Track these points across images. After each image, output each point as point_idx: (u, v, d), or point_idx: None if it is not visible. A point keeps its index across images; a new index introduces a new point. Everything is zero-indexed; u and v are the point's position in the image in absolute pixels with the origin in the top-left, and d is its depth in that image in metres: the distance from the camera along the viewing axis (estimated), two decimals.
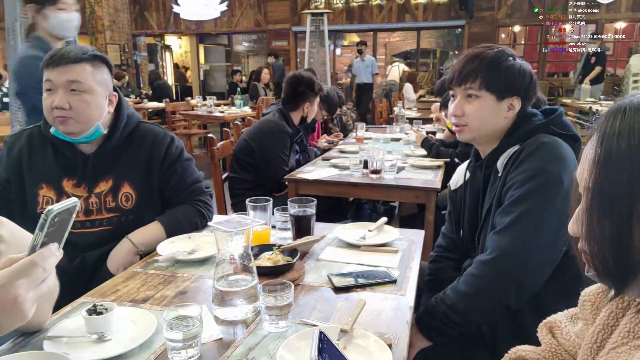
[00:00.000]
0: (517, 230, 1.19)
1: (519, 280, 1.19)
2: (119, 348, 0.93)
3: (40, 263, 0.69)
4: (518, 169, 1.24)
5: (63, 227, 0.74)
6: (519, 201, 1.21)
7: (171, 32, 12.80)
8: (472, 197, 1.45)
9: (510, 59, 1.32)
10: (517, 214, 1.20)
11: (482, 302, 1.23)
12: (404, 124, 4.78)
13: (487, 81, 1.30)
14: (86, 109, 1.43)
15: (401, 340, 0.98)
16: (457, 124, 1.37)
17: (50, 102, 1.41)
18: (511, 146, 1.32)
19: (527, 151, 1.25)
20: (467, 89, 1.33)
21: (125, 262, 1.44)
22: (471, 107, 1.33)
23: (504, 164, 1.32)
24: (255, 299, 1.06)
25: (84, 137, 1.48)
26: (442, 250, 1.61)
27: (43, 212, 0.68)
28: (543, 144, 1.24)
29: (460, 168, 1.56)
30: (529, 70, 1.34)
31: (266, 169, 2.80)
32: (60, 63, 1.40)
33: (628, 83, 8.09)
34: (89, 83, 1.43)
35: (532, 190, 1.19)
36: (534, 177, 1.20)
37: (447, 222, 1.62)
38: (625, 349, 0.64)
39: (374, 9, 10.85)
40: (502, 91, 1.31)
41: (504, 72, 1.30)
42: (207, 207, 1.66)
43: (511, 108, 1.33)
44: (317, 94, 3.09)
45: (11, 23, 2.85)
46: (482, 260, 1.24)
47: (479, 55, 1.33)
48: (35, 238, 0.70)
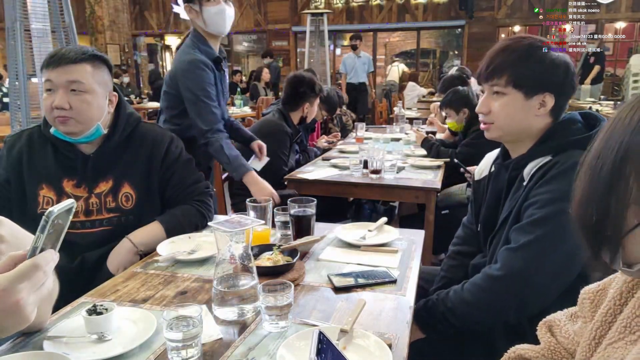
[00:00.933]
0: (532, 252, 1.15)
1: (524, 300, 1.17)
2: (119, 348, 0.93)
3: (42, 266, 0.69)
4: (544, 187, 1.17)
5: (60, 229, 0.74)
6: (539, 223, 1.15)
7: (171, 32, 12.79)
8: (492, 195, 1.39)
9: (542, 51, 1.22)
10: (533, 237, 1.15)
11: (481, 313, 1.22)
12: (404, 124, 4.79)
13: (513, 77, 1.22)
14: (86, 109, 1.43)
15: (401, 340, 0.98)
16: (484, 121, 1.32)
17: (50, 102, 1.41)
18: (542, 156, 1.23)
19: (557, 169, 1.16)
20: (494, 86, 1.26)
21: (125, 262, 1.44)
22: (497, 105, 1.26)
23: (530, 174, 1.24)
24: (255, 299, 1.06)
25: (84, 137, 1.48)
26: (461, 242, 1.57)
27: (44, 214, 0.69)
28: (576, 165, 1.20)
29: (488, 157, 1.49)
30: (564, 62, 1.24)
31: (266, 170, 2.80)
32: (61, 63, 1.40)
33: (628, 83, 8.10)
34: (89, 83, 1.43)
35: (554, 214, 1.14)
36: (558, 200, 1.13)
37: (468, 212, 1.57)
38: (621, 344, 0.65)
39: (374, 9, 10.84)
40: (531, 88, 1.22)
41: (532, 67, 1.21)
42: (207, 207, 1.66)
43: (543, 105, 1.23)
44: (317, 94, 3.09)
45: (11, 23, 2.84)
46: (491, 275, 1.21)
47: (506, 49, 1.25)
48: (36, 240, 0.70)
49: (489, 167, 1.45)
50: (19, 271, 0.68)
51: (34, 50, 2.90)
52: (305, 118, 3.10)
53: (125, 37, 11.03)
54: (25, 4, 2.84)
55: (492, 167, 1.43)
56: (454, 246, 1.59)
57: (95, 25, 10.31)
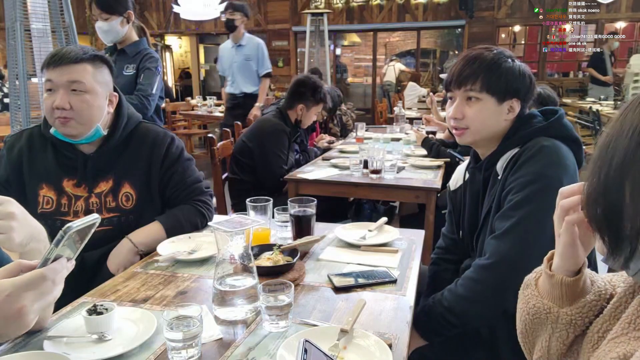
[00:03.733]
0: (517, 235, 1.18)
1: (517, 285, 1.18)
2: (119, 348, 0.93)
3: (50, 277, 0.70)
4: (517, 173, 1.23)
5: (81, 238, 0.74)
6: (519, 206, 1.19)
7: (171, 32, 12.79)
8: (471, 199, 1.44)
9: (509, 60, 1.31)
10: (516, 219, 1.19)
11: (479, 306, 1.22)
12: (404, 124, 4.79)
13: (487, 83, 1.29)
14: (87, 109, 1.43)
15: (401, 340, 0.98)
16: (457, 127, 1.35)
17: (51, 103, 1.41)
18: (511, 149, 1.31)
19: (527, 155, 1.23)
20: (468, 91, 1.31)
21: (125, 262, 1.44)
22: (472, 110, 1.32)
23: (503, 167, 1.31)
24: (255, 299, 1.06)
25: (84, 139, 1.48)
26: (443, 252, 1.60)
27: (62, 229, 0.69)
28: (543, 148, 1.23)
29: (460, 168, 1.56)
30: (528, 71, 1.34)
31: (264, 168, 2.80)
32: (61, 63, 1.39)
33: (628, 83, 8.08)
34: (90, 83, 1.43)
35: (532, 194, 1.18)
36: (533, 181, 1.19)
37: (447, 222, 1.61)
38: (624, 339, 0.65)
39: (374, 9, 10.84)
40: (503, 93, 1.30)
41: (504, 74, 1.29)
42: (207, 207, 1.66)
43: (511, 110, 1.32)
44: (317, 101, 3.04)
45: (11, 23, 2.84)
46: (481, 265, 1.23)
47: (478, 57, 1.31)
48: (49, 252, 0.71)
49: (462, 176, 1.50)
50: (26, 279, 0.69)
51: (34, 50, 2.90)
52: (299, 121, 3.05)
53: None
54: (25, 4, 2.84)
55: (466, 175, 1.48)
56: (437, 255, 1.62)
57: None
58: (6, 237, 0.84)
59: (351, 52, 13.71)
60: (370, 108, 11.04)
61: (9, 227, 0.84)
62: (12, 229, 0.84)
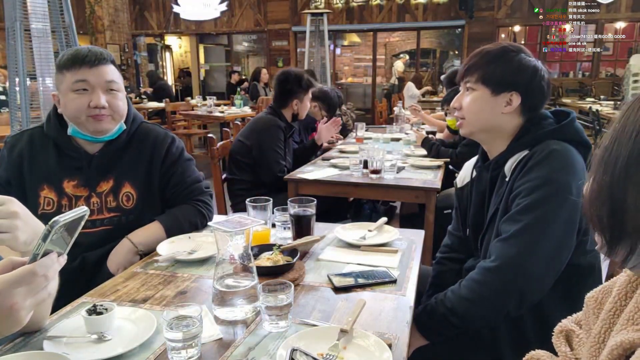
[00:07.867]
0: (523, 239, 1.17)
1: (521, 289, 1.18)
2: (119, 348, 0.93)
3: (40, 272, 0.70)
4: (526, 177, 1.21)
5: (70, 233, 0.73)
6: (526, 210, 1.18)
7: (171, 32, 12.79)
8: (477, 198, 1.44)
9: (513, 53, 1.31)
10: (523, 224, 1.18)
11: (482, 308, 1.22)
12: (404, 124, 4.78)
13: (483, 75, 1.31)
14: (121, 107, 1.51)
15: (401, 340, 0.98)
16: (458, 117, 1.40)
17: (86, 102, 1.43)
18: (520, 151, 1.29)
19: (536, 158, 1.21)
20: (467, 82, 1.35)
21: (125, 262, 1.44)
22: (467, 100, 1.35)
23: (511, 169, 1.29)
24: (255, 299, 1.06)
25: (111, 135, 1.52)
26: (448, 250, 1.59)
27: (48, 223, 0.69)
28: (553, 152, 1.21)
29: (468, 165, 1.54)
30: (533, 66, 1.30)
31: (262, 164, 2.80)
32: (97, 64, 1.44)
33: (628, 83, 8.08)
34: (120, 83, 1.51)
35: (540, 199, 1.17)
36: (542, 185, 1.17)
37: (453, 219, 1.60)
38: (623, 333, 0.65)
39: (374, 9, 10.84)
40: (498, 85, 1.30)
41: (501, 66, 1.30)
42: (207, 207, 1.66)
43: (509, 104, 1.30)
44: (306, 90, 3.05)
45: (11, 23, 2.84)
46: (486, 267, 1.22)
47: (482, 51, 1.34)
48: (37, 247, 0.70)
49: (470, 174, 1.49)
50: (15, 275, 0.68)
51: (34, 50, 2.90)
52: (297, 115, 3.07)
53: (125, 37, 11.02)
54: (25, 4, 2.84)
55: (473, 172, 1.48)
56: (442, 253, 1.61)
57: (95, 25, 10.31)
58: (11, 236, 0.84)
59: (351, 52, 13.72)
60: (370, 108, 11.05)
61: (13, 226, 0.84)
62: (16, 228, 0.84)
